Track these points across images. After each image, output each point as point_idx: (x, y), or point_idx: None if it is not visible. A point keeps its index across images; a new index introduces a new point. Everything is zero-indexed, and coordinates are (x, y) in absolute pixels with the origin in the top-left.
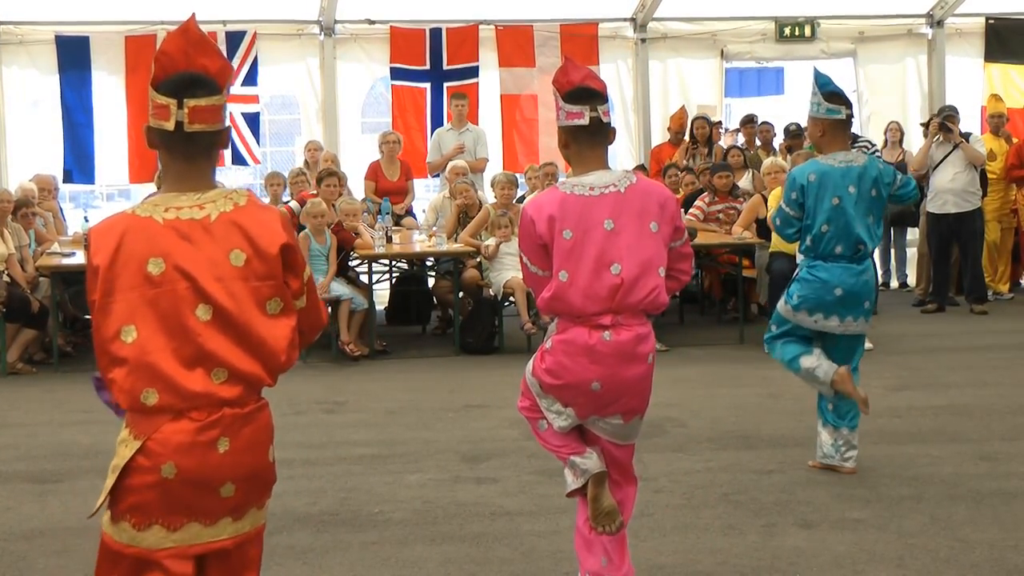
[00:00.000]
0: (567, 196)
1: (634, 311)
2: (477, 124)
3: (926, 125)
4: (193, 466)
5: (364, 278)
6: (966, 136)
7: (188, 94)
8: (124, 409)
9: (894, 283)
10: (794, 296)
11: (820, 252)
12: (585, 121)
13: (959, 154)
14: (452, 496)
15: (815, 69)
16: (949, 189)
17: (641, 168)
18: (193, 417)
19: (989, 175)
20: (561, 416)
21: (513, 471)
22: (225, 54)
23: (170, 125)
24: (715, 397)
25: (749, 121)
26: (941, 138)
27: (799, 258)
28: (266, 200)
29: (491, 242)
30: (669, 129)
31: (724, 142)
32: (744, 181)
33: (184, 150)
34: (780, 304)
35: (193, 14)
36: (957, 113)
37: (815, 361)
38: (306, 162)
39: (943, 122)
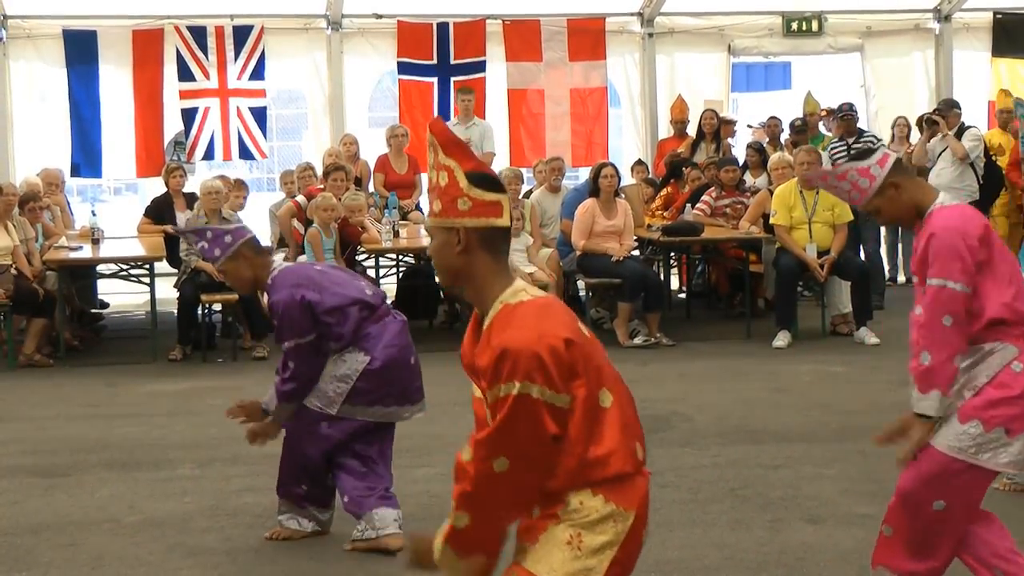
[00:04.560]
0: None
1: None
2: (484, 118)
3: (921, 120)
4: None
5: (371, 272)
6: (965, 129)
7: (503, 189)
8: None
9: (901, 278)
10: None
11: None
12: None
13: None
14: None
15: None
16: (936, 184)
17: (641, 163)
18: (645, 472)
19: None
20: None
21: None
22: (232, 49)
23: (505, 220)
24: (721, 392)
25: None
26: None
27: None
28: (280, 196)
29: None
30: (671, 121)
31: (753, 136)
32: (762, 180)
33: (505, 246)
34: None
35: None
36: (958, 107)
37: None
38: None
39: (929, 116)
